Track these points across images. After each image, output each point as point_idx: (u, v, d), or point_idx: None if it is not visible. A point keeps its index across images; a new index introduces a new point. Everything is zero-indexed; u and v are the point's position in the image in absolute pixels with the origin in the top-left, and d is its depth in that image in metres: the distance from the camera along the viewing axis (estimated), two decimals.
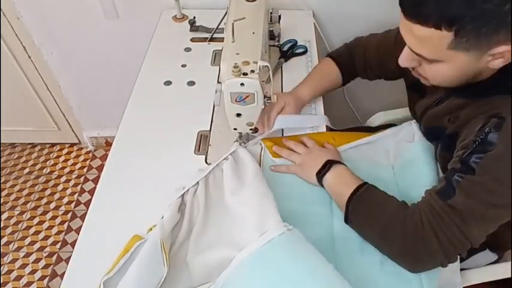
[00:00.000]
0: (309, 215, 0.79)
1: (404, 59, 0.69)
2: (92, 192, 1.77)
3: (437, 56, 0.62)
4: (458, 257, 0.70)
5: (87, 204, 1.71)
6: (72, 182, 1.81)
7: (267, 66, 0.77)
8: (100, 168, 1.86)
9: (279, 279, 0.63)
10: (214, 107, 1.00)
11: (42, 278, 1.52)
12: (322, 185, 0.81)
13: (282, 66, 1.11)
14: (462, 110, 0.71)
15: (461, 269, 0.88)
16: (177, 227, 0.77)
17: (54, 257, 1.57)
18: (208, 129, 0.96)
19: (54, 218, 1.69)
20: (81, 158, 1.91)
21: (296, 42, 1.17)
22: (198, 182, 0.82)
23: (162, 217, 0.74)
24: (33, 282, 1.51)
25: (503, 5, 0.54)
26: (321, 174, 0.81)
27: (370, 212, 0.73)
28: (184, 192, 0.80)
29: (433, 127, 0.81)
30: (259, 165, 0.86)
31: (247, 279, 0.65)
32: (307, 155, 0.86)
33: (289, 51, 1.15)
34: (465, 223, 0.63)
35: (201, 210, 0.78)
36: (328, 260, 0.67)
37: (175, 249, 0.75)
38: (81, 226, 0.79)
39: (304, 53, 1.15)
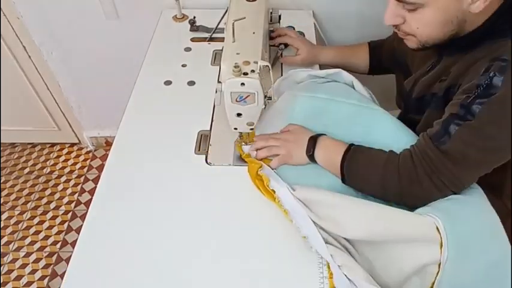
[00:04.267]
0: None
1: (389, 15, 0.69)
2: (92, 192, 1.77)
3: None
4: None
5: (87, 204, 1.72)
6: (72, 182, 1.81)
7: (268, 66, 0.77)
8: (100, 168, 1.86)
9: None
10: (214, 106, 1.00)
11: (42, 278, 1.52)
12: (315, 161, 0.83)
13: (281, 65, 1.11)
14: (453, 66, 0.71)
15: None
16: None
17: (54, 257, 1.57)
18: (208, 129, 0.96)
19: (54, 217, 1.69)
20: (81, 157, 1.91)
21: (293, 28, 1.19)
22: None
23: None
24: (33, 282, 1.51)
25: None
26: (310, 152, 0.81)
27: (363, 172, 0.76)
28: None
29: (424, 96, 0.81)
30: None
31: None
32: (286, 142, 0.85)
33: None
34: (458, 168, 0.66)
35: None
36: None
37: None
38: (81, 226, 0.79)
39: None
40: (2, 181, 1.81)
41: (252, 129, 0.86)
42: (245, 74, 0.75)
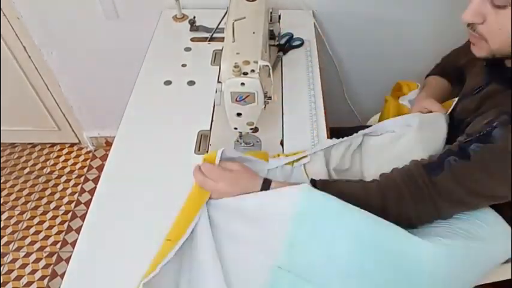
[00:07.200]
0: None
1: (472, 12, 0.64)
2: (92, 192, 1.77)
3: None
4: None
5: (87, 204, 1.72)
6: (72, 182, 1.81)
7: (268, 66, 0.77)
8: (100, 168, 1.86)
9: None
10: (214, 106, 1.00)
11: (42, 278, 1.52)
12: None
13: (281, 62, 1.11)
14: (489, 101, 0.71)
15: None
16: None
17: (54, 257, 1.57)
18: (208, 129, 0.96)
19: (54, 217, 1.69)
20: (81, 158, 1.91)
21: (292, 35, 1.19)
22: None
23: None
24: (33, 282, 1.51)
25: None
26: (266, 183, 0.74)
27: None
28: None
29: (461, 120, 0.79)
30: None
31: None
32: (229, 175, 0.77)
33: (287, 45, 1.17)
34: (441, 201, 0.66)
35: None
36: None
37: None
38: (81, 226, 0.79)
39: (301, 45, 1.17)
40: (2, 181, 1.81)
41: (252, 129, 0.86)
42: (245, 73, 0.75)
